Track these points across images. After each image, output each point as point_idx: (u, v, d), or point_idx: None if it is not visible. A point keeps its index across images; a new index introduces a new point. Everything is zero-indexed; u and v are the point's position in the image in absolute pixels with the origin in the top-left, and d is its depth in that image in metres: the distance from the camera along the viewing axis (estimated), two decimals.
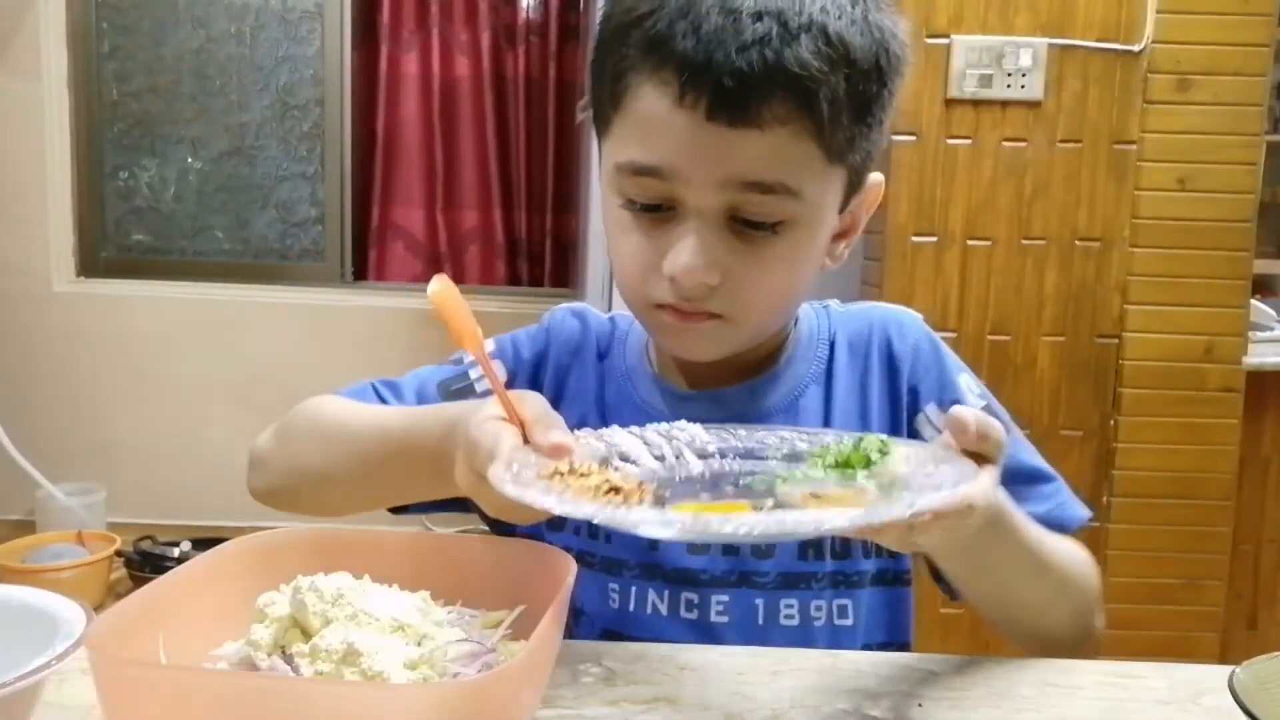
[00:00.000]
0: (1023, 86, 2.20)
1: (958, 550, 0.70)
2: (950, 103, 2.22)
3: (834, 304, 0.92)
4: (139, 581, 2.75)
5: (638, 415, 0.84)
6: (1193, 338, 2.27)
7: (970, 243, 2.26)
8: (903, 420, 0.86)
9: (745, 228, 0.72)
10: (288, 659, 0.56)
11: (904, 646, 0.88)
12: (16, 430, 3.03)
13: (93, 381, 3.36)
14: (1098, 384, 2.29)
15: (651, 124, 0.71)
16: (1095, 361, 2.29)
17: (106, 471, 3.27)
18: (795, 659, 0.73)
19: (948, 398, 0.85)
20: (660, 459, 0.67)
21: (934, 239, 2.26)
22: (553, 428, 0.63)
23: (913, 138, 2.24)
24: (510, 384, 0.88)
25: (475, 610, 0.65)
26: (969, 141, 2.24)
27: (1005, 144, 2.24)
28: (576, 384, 0.89)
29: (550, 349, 0.90)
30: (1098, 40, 2.21)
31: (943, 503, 0.55)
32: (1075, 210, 2.25)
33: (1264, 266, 2.66)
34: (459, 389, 0.88)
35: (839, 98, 0.69)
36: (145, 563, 2.82)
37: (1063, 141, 2.23)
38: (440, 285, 0.64)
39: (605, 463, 0.65)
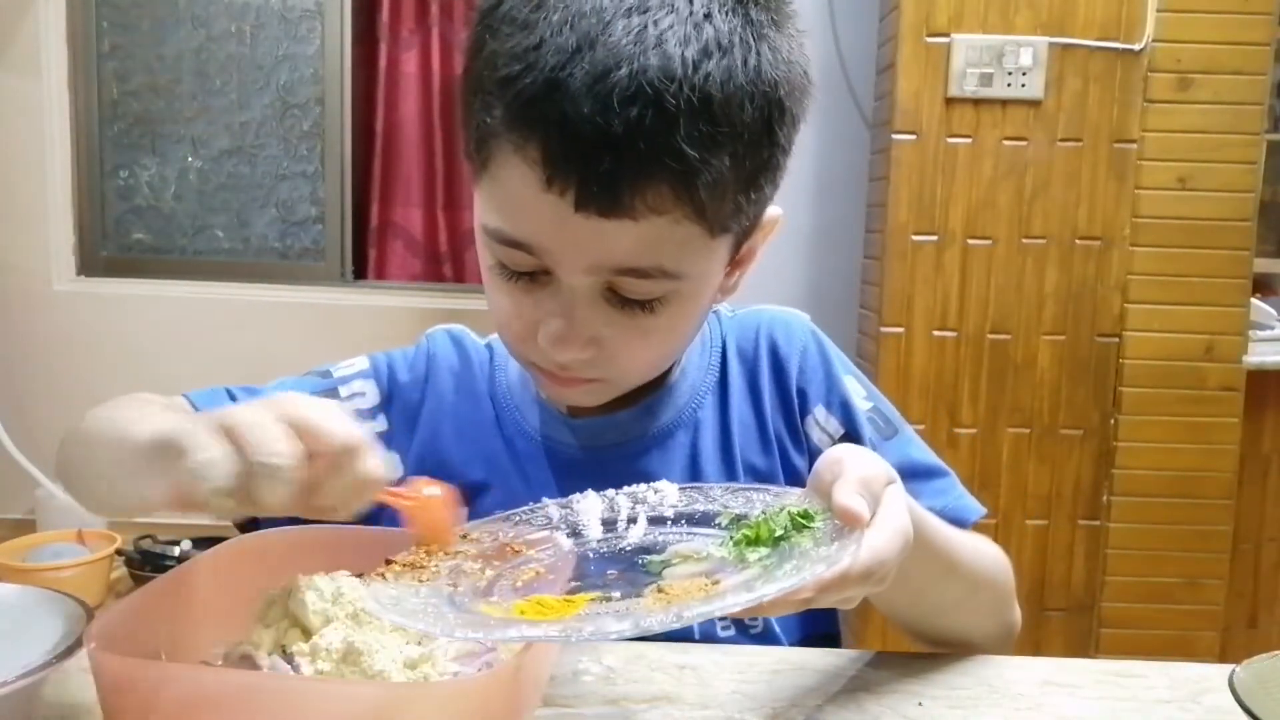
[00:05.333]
0: (1023, 85, 2.20)
1: None
2: (950, 101, 2.22)
3: (723, 308, 0.90)
4: (139, 580, 2.75)
5: (531, 445, 0.84)
6: (1193, 337, 2.27)
7: (970, 242, 2.26)
8: (797, 424, 0.85)
9: (622, 302, 0.68)
10: (288, 658, 0.56)
11: (833, 637, 0.87)
12: (16, 429, 3.03)
13: (93, 381, 3.35)
14: (1098, 383, 2.29)
15: (517, 202, 0.65)
16: (1095, 360, 2.29)
17: None
18: (795, 658, 0.73)
19: (835, 400, 0.85)
20: (613, 524, 0.65)
21: (934, 238, 2.26)
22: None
23: (913, 137, 2.24)
24: (387, 405, 0.85)
25: None
26: (969, 140, 2.24)
27: (1005, 143, 2.24)
28: (470, 416, 0.85)
29: (430, 376, 0.87)
30: (1098, 39, 2.21)
31: (785, 591, 0.49)
32: (1075, 209, 2.25)
33: (1264, 265, 2.66)
34: None
35: (723, 178, 0.63)
36: (146, 562, 2.81)
37: (1063, 140, 2.23)
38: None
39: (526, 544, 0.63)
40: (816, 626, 0.84)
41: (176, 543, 2.86)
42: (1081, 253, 2.26)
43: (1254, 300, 2.34)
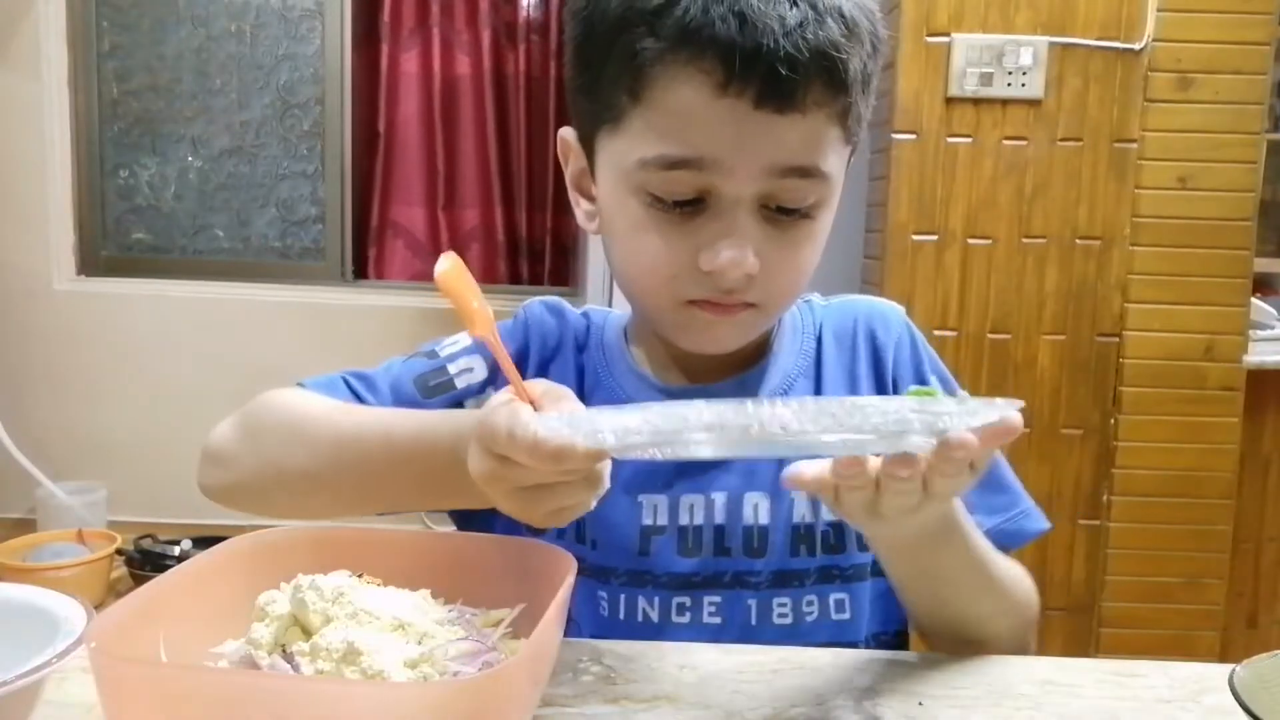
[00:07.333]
0: (1023, 85, 2.20)
1: (905, 548, 0.71)
2: (951, 101, 2.22)
3: (815, 298, 0.92)
4: (139, 580, 2.75)
5: None
6: (1193, 336, 2.27)
7: (971, 241, 2.26)
8: None
9: (776, 214, 0.73)
10: (288, 657, 0.56)
11: (903, 635, 0.87)
12: (16, 429, 3.03)
13: (93, 380, 3.36)
14: (1098, 383, 2.29)
15: (689, 115, 0.69)
16: (1096, 360, 2.29)
17: (107, 470, 3.27)
18: (795, 658, 0.73)
19: None
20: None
21: (934, 237, 2.26)
22: (563, 399, 0.62)
23: (913, 136, 2.24)
24: (496, 379, 0.85)
25: (475, 608, 0.65)
26: (969, 140, 2.24)
27: (1006, 142, 2.24)
28: (558, 381, 0.86)
29: (530, 344, 0.87)
30: (1098, 39, 2.20)
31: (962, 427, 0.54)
32: (1076, 209, 2.25)
33: (1264, 265, 2.66)
34: (438, 384, 0.85)
35: (857, 78, 0.71)
36: (146, 561, 2.82)
37: (1063, 140, 2.23)
38: (449, 264, 0.62)
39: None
40: (889, 624, 0.86)
41: (176, 543, 2.86)
42: (1081, 252, 2.26)
43: (1254, 300, 2.34)
